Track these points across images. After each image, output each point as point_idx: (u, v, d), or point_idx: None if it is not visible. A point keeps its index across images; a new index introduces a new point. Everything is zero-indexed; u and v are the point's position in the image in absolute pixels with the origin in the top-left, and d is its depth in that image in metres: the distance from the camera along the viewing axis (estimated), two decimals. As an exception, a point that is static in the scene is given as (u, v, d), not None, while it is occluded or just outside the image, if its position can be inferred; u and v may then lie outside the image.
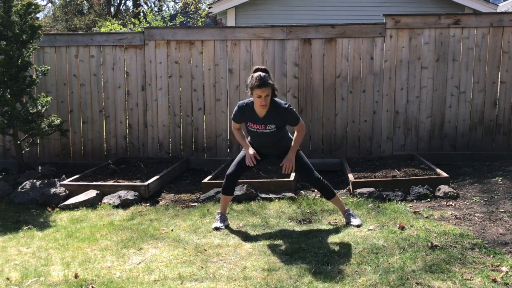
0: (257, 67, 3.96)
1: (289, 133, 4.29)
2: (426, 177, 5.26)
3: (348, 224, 4.16)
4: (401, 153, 6.53)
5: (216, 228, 4.21)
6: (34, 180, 5.79)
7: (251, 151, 4.11)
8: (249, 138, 4.29)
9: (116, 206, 5.11)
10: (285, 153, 4.12)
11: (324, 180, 4.18)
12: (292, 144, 4.14)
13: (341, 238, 3.84)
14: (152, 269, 3.41)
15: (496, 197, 4.74)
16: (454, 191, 4.98)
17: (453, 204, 4.66)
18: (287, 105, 4.01)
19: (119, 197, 5.23)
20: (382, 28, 6.44)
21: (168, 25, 15.30)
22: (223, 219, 4.29)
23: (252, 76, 3.86)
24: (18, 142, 6.29)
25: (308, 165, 4.18)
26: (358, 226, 4.09)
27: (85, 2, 26.86)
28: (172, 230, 4.26)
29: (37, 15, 8.49)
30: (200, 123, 6.86)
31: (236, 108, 4.12)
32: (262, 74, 3.83)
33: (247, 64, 6.65)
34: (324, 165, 6.59)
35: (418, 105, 6.51)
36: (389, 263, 3.30)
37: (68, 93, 6.93)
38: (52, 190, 5.45)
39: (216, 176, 5.75)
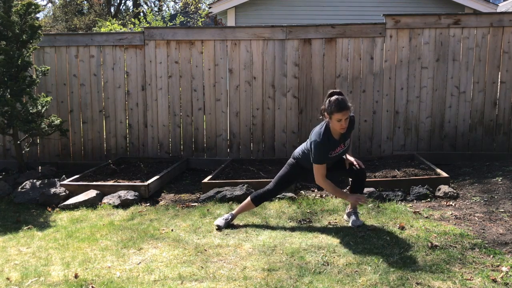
0: (332, 90, 3.86)
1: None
2: (426, 177, 5.26)
3: (349, 222, 4.17)
4: (401, 153, 6.53)
5: (218, 228, 4.22)
6: (34, 180, 5.79)
7: (356, 196, 4.08)
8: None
9: (116, 206, 5.11)
10: None
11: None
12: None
13: (341, 238, 3.84)
14: (152, 269, 3.41)
15: (496, 197, 4.74)
16: (454, 191, 4.98)
17: (453, 204, 4.66)
18: (352, 121, 3.99)
19: (119, 197, 5.23)
20: (382, 28, 6.44)
21: (168, 25, 15.30)
22: (231, 218, 4.32)
23: (330, 101, 3.77)
24: (18, 142, 6.29)
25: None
26: (359, 226, 4.10)
27: (85, 2, 26.86)
28: (172, 230, 4.26)
29: (37, 15, 8.49)
30: (200, 123, 6.86)
31: (319, 147, 3.85)
32: (340, 97, 3.78)
33: (247, 64, 6.65)
34: (324, 165, 6.59)
35: (418, 105, 6.51)
36: (389, 263, 3.30)
37: (68, 93, 6.93)
38: (52, 190, 5.45)
39: (216, 176, 5.75)
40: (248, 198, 4.34)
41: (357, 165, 4.08)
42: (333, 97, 3.79)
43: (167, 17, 16.78)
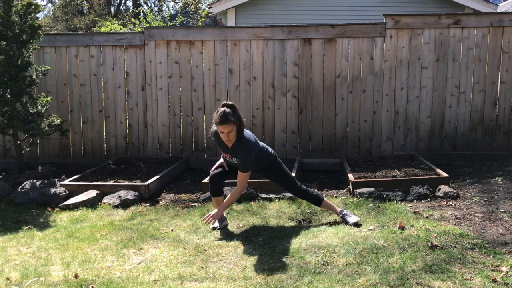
0: (225, 102, 3.93)
1: (268, 148, 4.29)
2: (426, 177, 5.26)
3: (346, 224, 4.16)
4: (401, 153, 6.53)
5: (214, 228, 4.22)
6: (34, 180, 5.79)
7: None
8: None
9: (116, 206, 5.11)
10: (266, 168, 4.26)
11: (306, 189, 4.27)
12: (224, 202, 4.14)
13: (341, 238, 3.84)
14: (152, 269, 3.41)
15: (496, 197, 4.73)
16: (454, 191, 4.98)
17: (453, 204, 4.66)
18: (245, 148, 3.95)
19: (119, 197, 5.23)
20: (382, 28, 6.44)
21: (168, 25, 15.30)
22: (221, 219, 4.30)
23: (217, 111, 3.88)
24: (18, 142, 6.29)
25: (287, 176, 4.29)
26: (356, 223, 4.10)
27: (85, 2, 26.86)
28: (172, 230, 4.26)
29: (37, 15, 8.49)
30: (200, 123, 6.86)
31: (213, 133, 4.13)
32: (227, 110, 3.83)
33: (247, 64, 6.65)
34: (324, 165, 6.60)
35: (418, 105, 6.51)
36: (389, 263, 3.29)
37: (68, 93, 6.93)
38: (52, 190, 5.45)
39: (216, 176, 5.74)
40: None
41: (204, 220, 4.10)
42: (221, 109, 3.86)
43: (167, 17, 16.78)
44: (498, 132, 6.46)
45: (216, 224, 4.25)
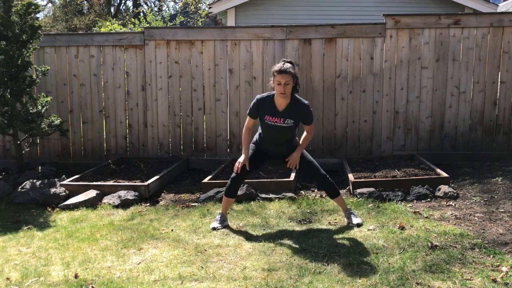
0: (284, 59, 4.03)
1: (295, 139, 4.32)
2: (426, 177, 5.26)
3: (349, 223, 4.17)
4: (401, 153, 6.53)
5: (214, 228, 4.21)
6: (34, 180, 5.79)
7: (243, 159, 4.13)
8: (258, 137, 4.27)
9: (116, 206, 5.11)
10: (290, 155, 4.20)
11: (329, 178, 4.21)
12: (300, 143, 4.20)
13: (341, 238, 3.84)
14: (152, 269, 3.41)
15: (496, 197, 4.73)
16: (454, 191, 4.98)
17: (453, 204, 4.66)
18: (307, 103, 4.07)
19: (119, 197, 5.23)
20: (382, 28, 6.44)
21: (168, 25, 15.30)
22: (223, 219, 4.30)
23: (276, 64, 3.96)
24: (18, 142, 6.29)
25: (313, 162, 4.23)
26: (359, 225, 4.11)
27: (85, 2, 26.86)
28: (172, 230, 4.26)
29: (37, 15, 8.49)
30: (200, 123, 6.86)
31: (254, 101, 4.10)
32: (287, 63, 3.93)
33: (247, 64, 6.65)
34: (324, 165, 6.51)
35: (418, 105, 6.51)
36: (389, 263, 3.30)
37: (68, 93, 6.93)
38: (52, 190, 5.45)
39: (216, 176, 5.75)
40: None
41: (288, 164, 4.16)
42: (281, 62, 3.96)
43: (167, 17, 16.78)
44: (498, 132, 6.46)
45: (216, 225, 4.25)
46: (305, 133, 4.20)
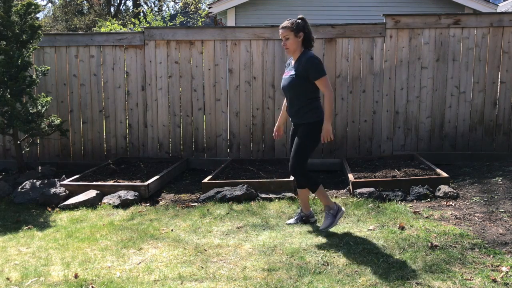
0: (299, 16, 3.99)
1: (312, 109, 3.93)
2: (426, 177, 5.26)
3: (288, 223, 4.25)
4: (401, 153, 6.53)
5: (289, 224, 4.27)
6: (34, 180, 5.79)
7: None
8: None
9: (116, 206, 5.11)
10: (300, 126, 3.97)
11: (296, 173, 3.93)
12: (325, 112, 3.87)
13: (341, 238, 3.84)
14: (152, 269, 3.41)
15: (496, 197, 4.74)
16: (454, 191, 4.98)
17: (453, 204, 4.66)
18: (313, 54, 3.89)
19: (119, 197, 5.23)
20: (382, 28, 6.44)
21: (168, 25, 15.30)
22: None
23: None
24: (18, 142, 6.29)
25: (296, 148, 3.92)
26: (322, 230, 3.96)
27: (85, 2, 26.86)
28: (172, 230, 4.26)
29: (37, 15, 8.49)
30: (200, 123, 6.86)
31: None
32: (295, 19, 3.91)
33: (247, 64, 6.65)
34: (324, 165, 6.59)
35: (418, 105, 6.51)
36: (389, 263, 3.30)
37: (68, 93, 6.93)
38: (52, 190, 5.45)
39: (216, 176, 5.75)
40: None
41: (322, 140, 3.93)
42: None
43: (167, 17, 16.78)
44: (498, 132, 6.46)
45: (291, 220, 4.30)
46: (324, 98, 3.89)
